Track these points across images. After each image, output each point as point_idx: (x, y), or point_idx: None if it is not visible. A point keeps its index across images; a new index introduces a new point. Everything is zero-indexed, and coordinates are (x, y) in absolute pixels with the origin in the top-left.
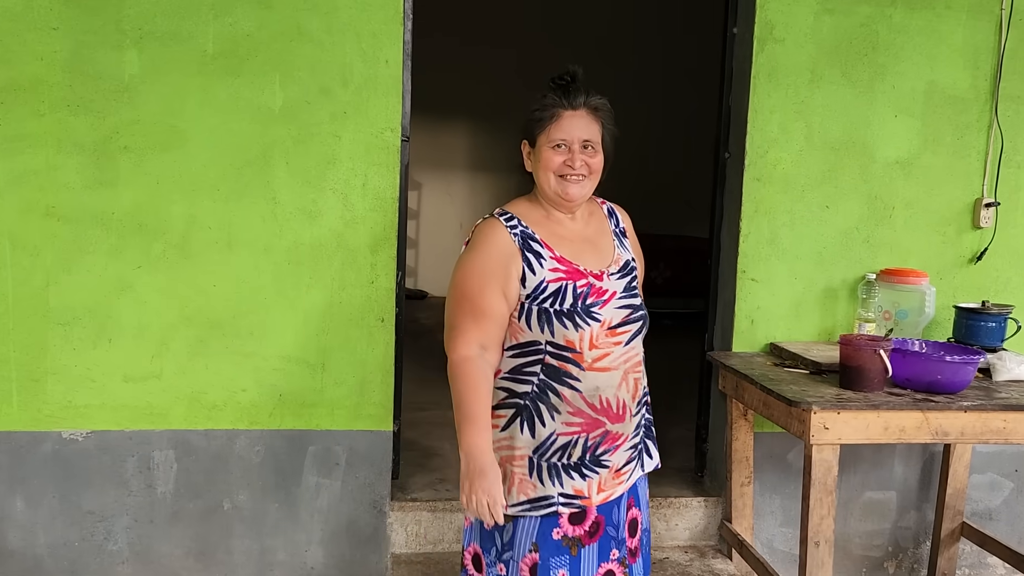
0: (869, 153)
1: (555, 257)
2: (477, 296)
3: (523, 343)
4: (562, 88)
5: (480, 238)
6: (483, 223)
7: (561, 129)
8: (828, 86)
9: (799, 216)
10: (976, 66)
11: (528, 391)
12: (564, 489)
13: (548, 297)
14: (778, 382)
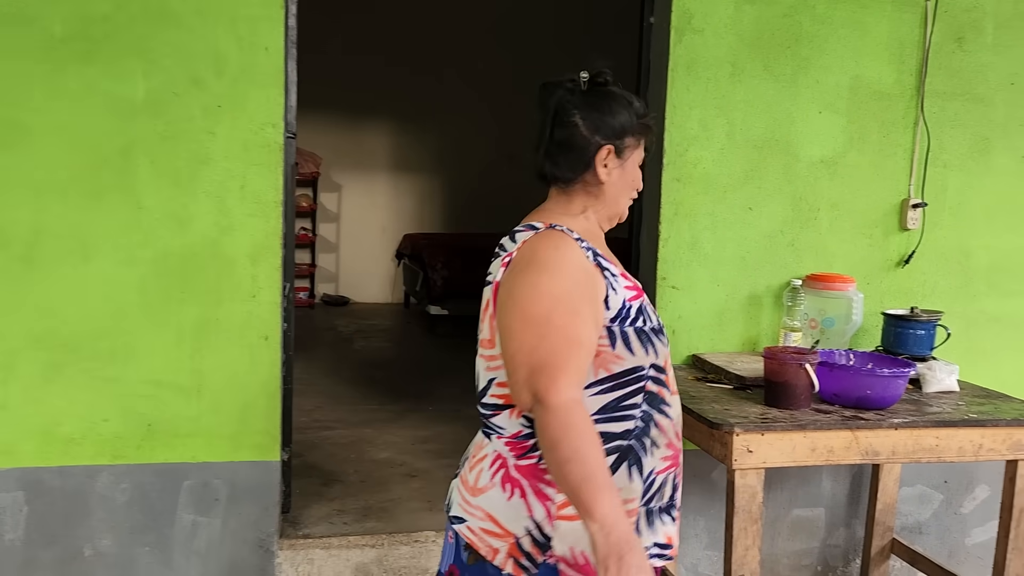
0: (793, 151)
1: (622, 273)
2: (569, 325)
3: (620, 372)
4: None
5: (555, 256)
6: (550, 238)
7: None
8: (750, 80)
9: (721, 219)
10: (901, 60)
11: (632, 428)
12: (658, 538)
13: (636, 316)
14: (699, 400)
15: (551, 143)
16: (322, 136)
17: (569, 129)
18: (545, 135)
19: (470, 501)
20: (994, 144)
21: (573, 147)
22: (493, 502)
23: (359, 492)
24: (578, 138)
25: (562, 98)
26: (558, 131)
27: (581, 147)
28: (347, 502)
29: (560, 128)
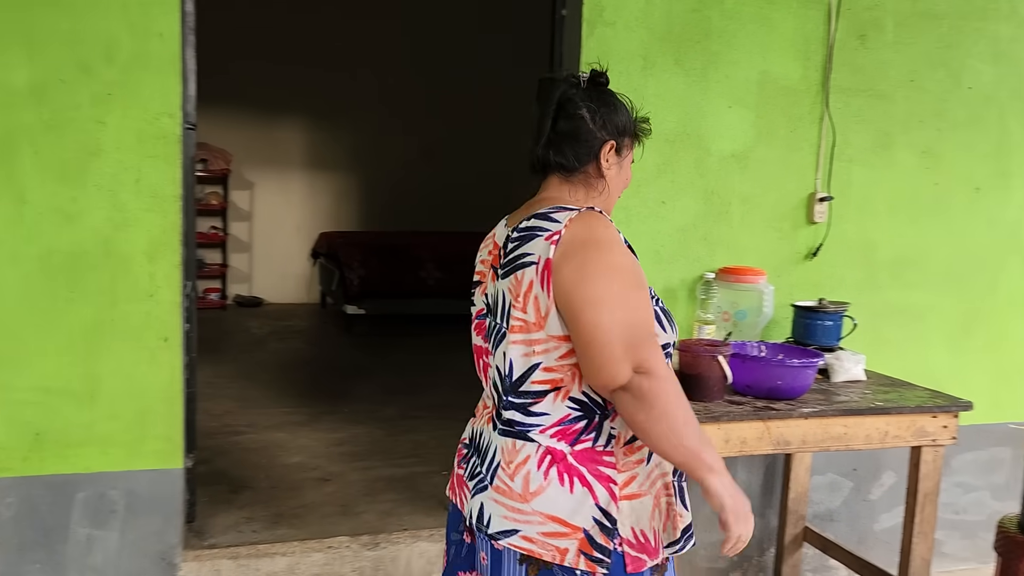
0: (704, 146)
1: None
2: (645, 298)
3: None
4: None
5: (611, 233)
6: (598, 217)
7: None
8: (661, 74)
9: (635, 213)
10: (807, 57)
11: None
12: (689, 518)
13: (656, 297)
14: None
15: (554, 133)
16: (233, 133)
17: (575, 121)
18: (546, 126)
19: (522, 509)
20: (895, 140)
21: (579, 138)
22: (553, 501)
23: (270, 499)
24: (584, 131)
25: (566, 92)
26: (563, 123)
27: (587, 139)
28: (257, 509)
29: (566, 120)
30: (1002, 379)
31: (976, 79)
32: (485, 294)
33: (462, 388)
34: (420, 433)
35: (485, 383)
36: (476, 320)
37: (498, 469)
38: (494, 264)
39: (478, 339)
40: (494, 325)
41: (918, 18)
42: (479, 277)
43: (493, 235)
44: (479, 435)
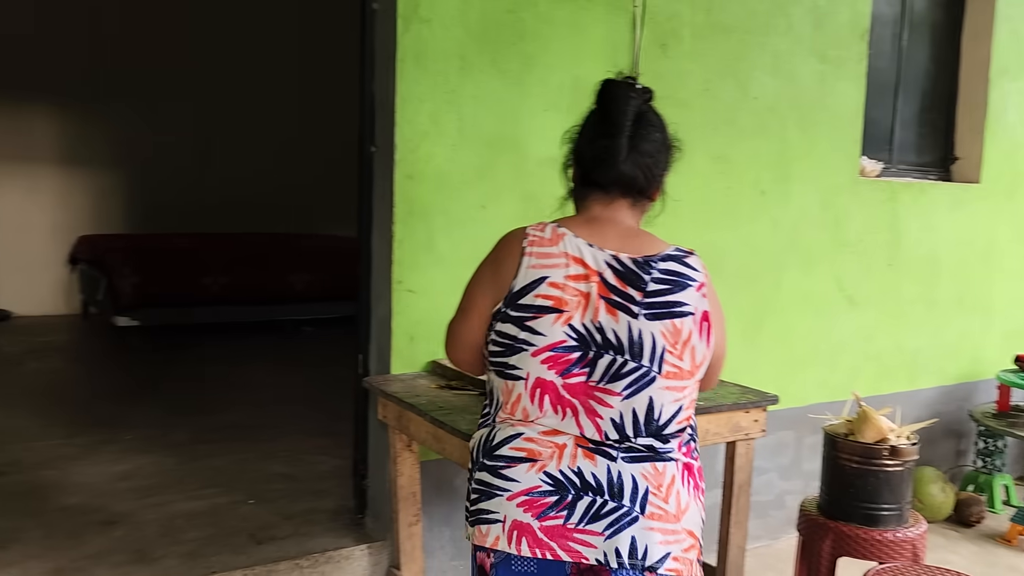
0: (522, 149)
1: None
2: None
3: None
4: None
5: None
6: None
7: None
8: (479, 75)
9: (456, 217)
10: (615, 63)
11: None
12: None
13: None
14: (448, 411)
15: (637, 153)
16: None
17: (655, 143)
18: (623, 143)
19: (675, 529)
20: (694, 146)
21: (658, 161)
22: (694, 516)
23: (45, 551)
24: (663, 154)
25: (642, 108)
26: (645, 143)
27: (664, 163)
28: (30, 567)
29: (646, 139)
30: (787, 369)
31: (761, 90)
32: (581, 326)
33: (260, 405)
34: (217, 458)
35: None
36: (550, 352)
37: (648, 496)
38: (603, 294)
39: (550, 373)
40: (624, 365)
41: (711, 30)
42: (556, 304)
43: (572, 256)
44: (581, 473)
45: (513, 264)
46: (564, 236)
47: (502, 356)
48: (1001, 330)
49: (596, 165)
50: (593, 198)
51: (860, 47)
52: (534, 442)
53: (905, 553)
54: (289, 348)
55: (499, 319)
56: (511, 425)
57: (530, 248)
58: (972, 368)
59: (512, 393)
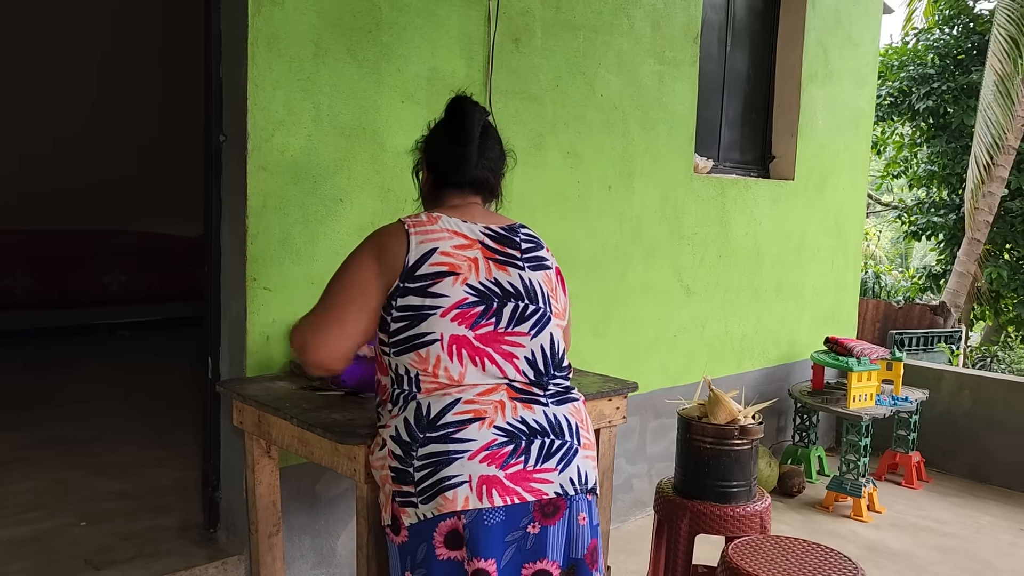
0: (380, 141)
1: None
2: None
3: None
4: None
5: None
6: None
7: None
8: (335, 63)
9: (313, 211)
10: (471, 56)
11: None
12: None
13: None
14: (315, 411)
15: (485, 159)
16: None
17: (498, 151)
18: (473, 150)
19: (593, 455)
20: (546, 140)
21: (499, 166)
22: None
23: None
24: (501, 160)
25: (485, 120)
26: (490, 151)
27: (501, 169)
28: None
29: (491, 147)
30: (632, 356)
31: (606, 88)
32: (478, 284)
33: (80, 418)
34: (39, 479)
35: (495, 367)
36: (457, 310)
37: (579, 430)
38: (488, 256)
39: (461, 328)
40: (525, 309)
41: (560, 27)
42: (449, 268)
43: (452, 230)
44: (525, 421)
45: (400, 245)
46: (440, 218)
47: (408, 328)
48: (811, 315)
49: (452, 169)
50: (450, 195)
51: (693, 50)
52: (475, 403)
53: (755, 526)
54: (106, 354)
55: (398, 295)
56: (443, 394)
57: (413, 229)
58: (789, 350)
59: (429, 359)
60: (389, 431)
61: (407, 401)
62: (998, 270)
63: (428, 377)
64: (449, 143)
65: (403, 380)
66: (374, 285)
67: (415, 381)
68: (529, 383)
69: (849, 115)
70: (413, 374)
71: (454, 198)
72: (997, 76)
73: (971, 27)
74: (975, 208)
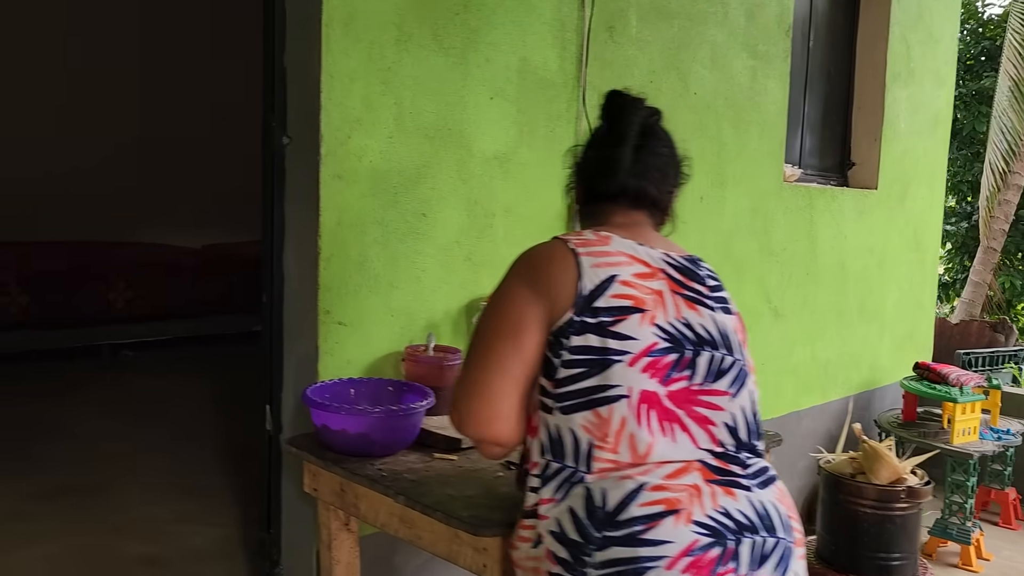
0: (467, 144)
1: None
2: None
3: None
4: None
5: None
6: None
7: None
8: (419, 51)
9: (393, 228)
10: (564, 45)
11: None
12: None
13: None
14: (422, 484)
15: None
16: None
17: (665, 158)
18: (626, 152)
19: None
20: None
21: (667, 177)
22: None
23: None
24: (671, 169)
25: (649, 121)
26: (652, 157)
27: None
28: None
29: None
30: None
31: (700, 85)
32: (667, 325)
33: (90, 458)
34: (51, 541)
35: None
36: (648, 358)
37: (790, 522)
38: (675, 291)
39: (651, 382)
40: (722, 360)
41: (656, 15)
42: (634, 303)
43: (629, 255)
44: (728, 512)
45: (567, 268)
46: (610, 237)
47: (585, 377)
48: (891, 337)
49: (598, 175)
50: (608, 210)
51: (785, 43)
52: (664, 488)
53: None
54: (110, 378)
55: (571, 332)
56: (621, 477)
57: (581, 249)
58: (871, 376)
59: (611, 422)
60: (548, 524)
61: (571, 484)
62: (1011, 279)
63: (604, 449)
64: (599, 145)
65: (565, 451)
66: (532, 321)
67: (585, 456)
68: (726, 459)
69: (928, 117)
70: (584, 444)
71: (615, 215)
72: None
73: (980, 32)
74: (991, 216)
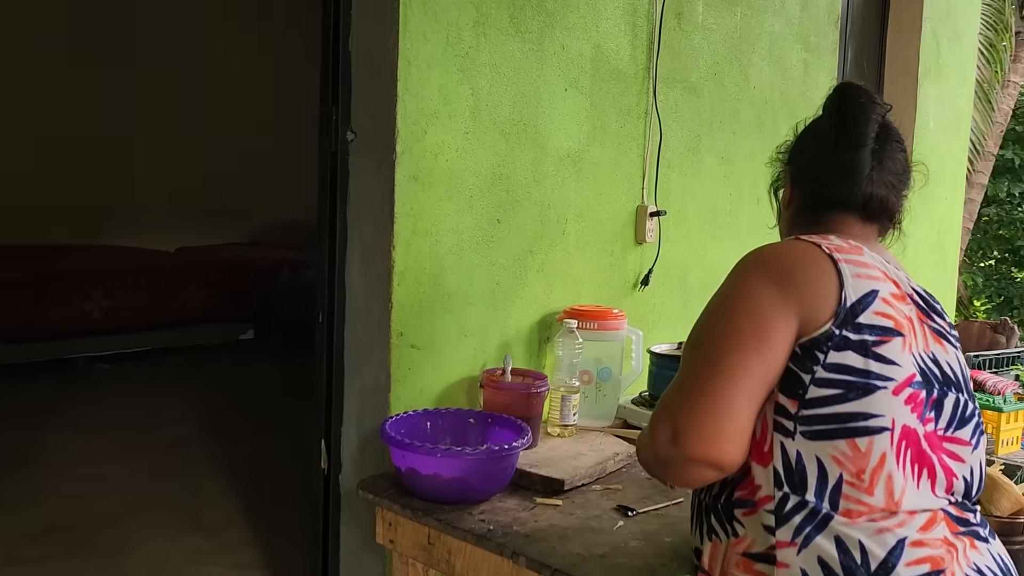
0: (541, 141)
1: None
2: None
3: None
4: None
5: None
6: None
7: None
8: (496, 35)
9: (467, 237)
10: (635, 32)
11: None
12: None
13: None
14: (540, 540)
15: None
16: None
17: (902, 162)
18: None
19: None
20: (703, 141)
21: (903, 184)
22: None
23: None
24: (905, 176)
25: (885, 120)
26: (891, 162)
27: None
28: None
29: (895, 160)
30: None
31: (759, 78)
32: (919, 358)
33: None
34: None
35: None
36: (909, 389)
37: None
38: (923, 320)
39: (912, 417)
40: (966, 407)
41: (720, 1)
42: (896, 326)
43: (882, 271)
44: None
45: (829, 272)
46: (862, 248)
47: (842, 402)
48: None
49: (835, 179)
50: (840, 219)
51: (834, 35)
52: (925, 545)
53: None
54: (87, 395)
55: (829, 346)
56: (880, 529)
57: (838, 255)
58: None
59: (870, 457)
60: (789, 573)
61: (816, 527)
62: (972, 276)
63: (858, 489)
64: (831, 146)
65: (807, 483)
66: (782, 327)
67: (831, 492)
68: (962, 507)
69: (952, 115)
70: (833, 477)
71: (845, 225)
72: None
73: None
74: None
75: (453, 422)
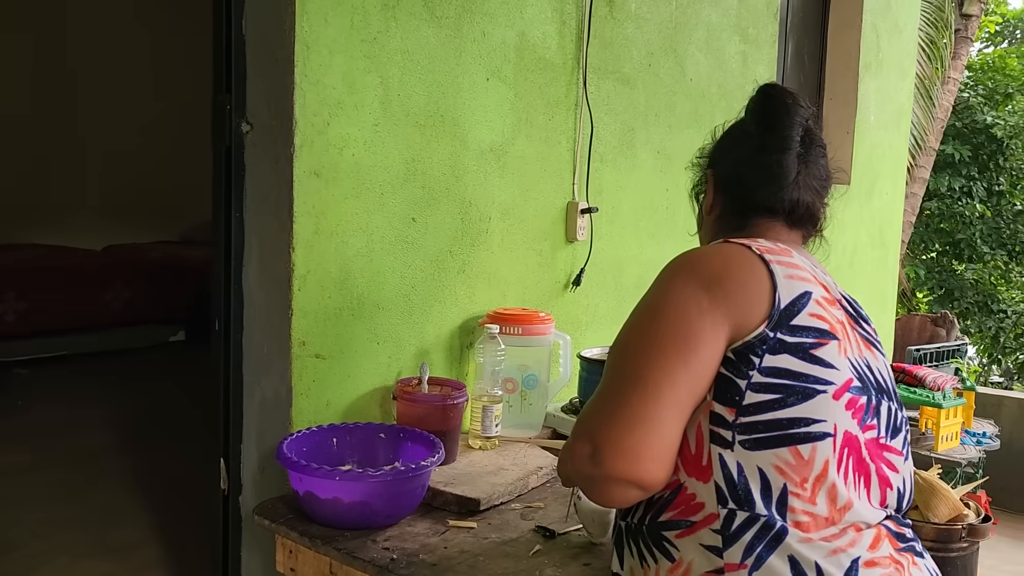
0: (460, 134)
1: None
2: None
3: None
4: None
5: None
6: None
7: None
8: (408, 19)
9: (378, 237)
10: (563, 20)
11: None
12: None
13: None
14: (453, 572)
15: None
16: None
17: (824, 167)
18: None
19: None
20: (637, 135)
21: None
22: None
23: None
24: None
25: (809, 124)
26: (816, 167)
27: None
28: None
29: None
30: None
31: (696, 70)
32: (858, 361)
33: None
34: None
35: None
36: (848, 394)
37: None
38: (853, 326)
39: (853, 423)
40: (897, 415)
41: None
42: (831, 329)
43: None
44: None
45: (760, 274)
46: (791, 251)
47: (781, 407)
48: None
49: (762, 184)
50: (765, 226)
51: (773, 28)
52: (876, 564)
53: None
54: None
55: (764, 349)
56: (832, 548)
57: (769, 256)
58: None
59: (812, 465)
60: None
61: (766, 545)
62: (915, 268)
63: (800, 498)
64: (756, 148)
65: (752, 497)
66: (710, 334)
67: (778, 504)
68: (898, 522)
69: (893, 110)
70: (777, 488)
71: (771, 230)
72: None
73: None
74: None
75: (362, 438)
